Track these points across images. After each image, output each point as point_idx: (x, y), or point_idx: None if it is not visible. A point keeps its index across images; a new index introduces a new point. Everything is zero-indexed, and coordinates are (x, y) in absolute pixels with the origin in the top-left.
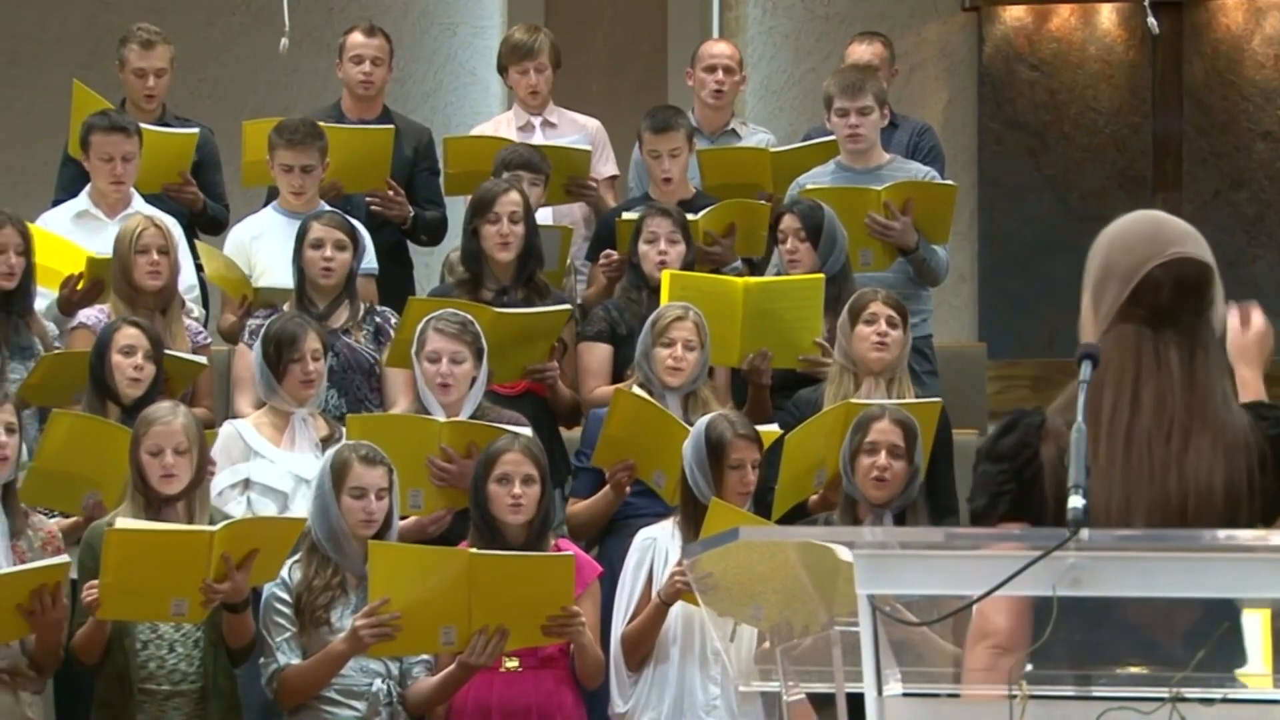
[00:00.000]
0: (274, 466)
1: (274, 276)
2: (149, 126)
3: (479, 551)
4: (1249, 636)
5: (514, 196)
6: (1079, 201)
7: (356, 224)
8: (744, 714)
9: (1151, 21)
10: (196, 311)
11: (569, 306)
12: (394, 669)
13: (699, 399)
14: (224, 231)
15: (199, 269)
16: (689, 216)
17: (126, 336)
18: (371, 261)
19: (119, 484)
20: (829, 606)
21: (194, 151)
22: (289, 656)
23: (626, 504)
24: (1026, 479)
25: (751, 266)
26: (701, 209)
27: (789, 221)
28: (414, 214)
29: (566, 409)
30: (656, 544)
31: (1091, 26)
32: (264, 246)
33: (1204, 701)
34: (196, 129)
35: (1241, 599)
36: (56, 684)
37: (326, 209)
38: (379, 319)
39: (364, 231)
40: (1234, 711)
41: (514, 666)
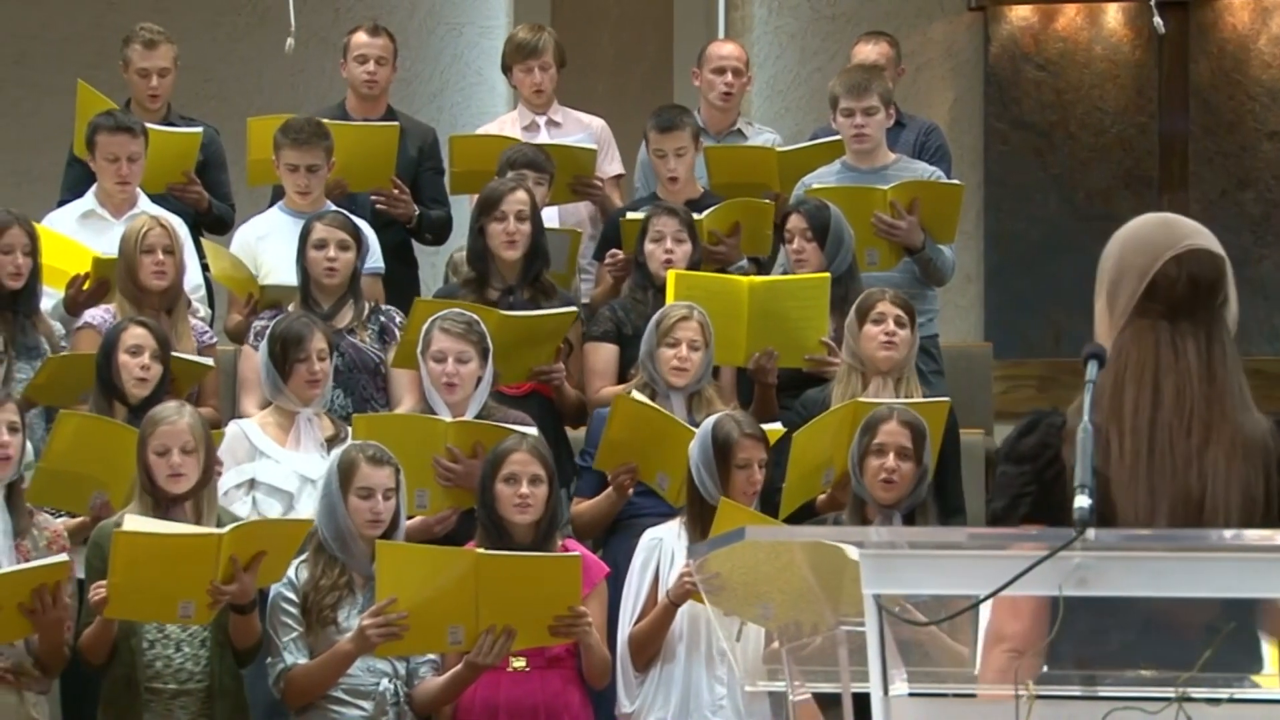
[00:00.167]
0: (279, 466)
1: (280, 277)
2: (153, 126)
3: (486, 552)
4: (1264, 638)
5: (521, 195)
6: (1085, 201)
7: (360, 223)
8: (750, 714)
9: (1158, 21)
10: (202, 311)
11: (575, 309)
12: (401, 669)
13: (703, 398)
14: (229, 231)
15: (205, 268)
16: (695, 216)
17: (133, 336)
18: (378, 260)
19: (126, 484)
20: (835, 606)
21: (198, 151)
22: (296, 656)
23: (631, 503)
24: (1047, 480)
25: (759, 265)
26: (708, 209)
27: (795, 221)
28: (419, 213)
29: (572, 409)
30: (663, 544)
31: (1097, 26)
32: (270, 246)
33: (1210, 701)
34: (200, 128)
35: (1257, 599)
36: (63, 684)
37: (331, 209)
38: (384, 318)
39: (369, 230)
40: (1241, 711)
41: (521, 666)
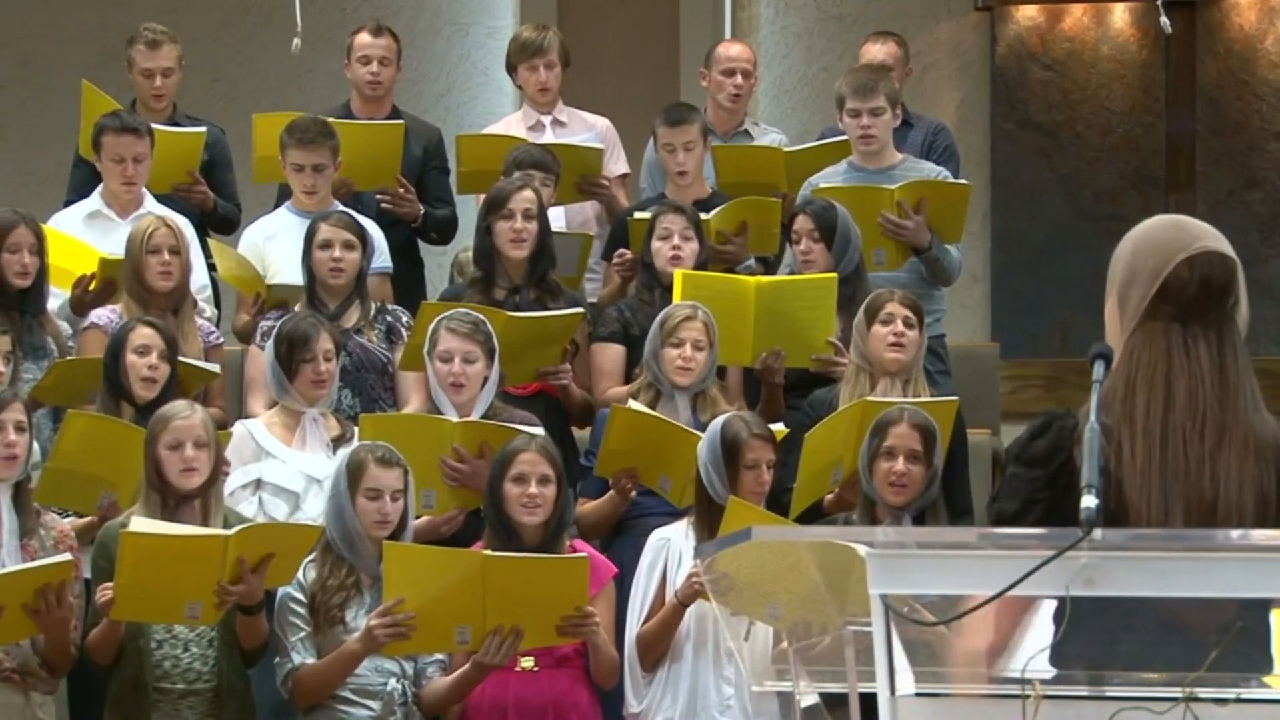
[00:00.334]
0: (285, 467)
1: (287, 276)
2: (157, 126)
3: (493, 553)
4: (1274, 638)
5: (528, 194)
6: (1092, 201)
7: (366, 223)
8: (759, 714)
9: (1164, 21)
10: (209, 311)
11: (582, 310)
12: (408, 669)
13: (708, 398)
14: (236, 231)
15: (211, 268)
16: (702, 216)
17: (141, 336)
18: (385, 260)
19: (134, 484)
20: (842, 606)
21: (203, 151)
22: (304, 656)
23: (636, 503)
24: (1060, 487)
25: (765, 265)
26: (715, 209)
27: (802, 222)
28: (424, 212)
29: (579, 409)
30: (670, 544)
31: (1104, 26)
32: (277, 246)
33: (1218, 701)
34: (204, 128)
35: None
36: (70, 684)
37: (337, 209)
38: (390, 318)
39: (376, 230)
40: (1249, 711)
41: (530, 666)
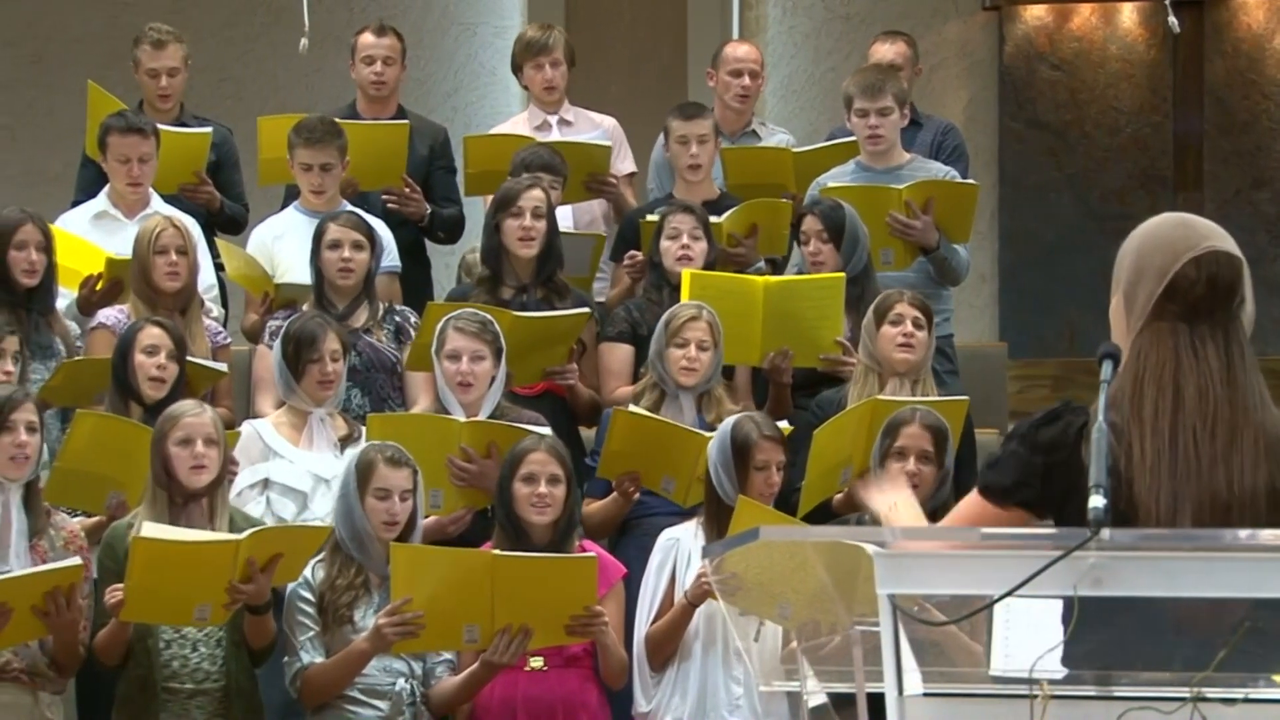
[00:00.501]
0: (293, 466)
1: (296, 276)
2: (163, 126)
3: (502, 553)
4: None
5: (537, 193)
6: (1100, 201)
7: (375, 223)
8: (768, 714)
9: (1172, 20)
10: (216, 311)
11: (588, 310)
12: (417, 668)
13: (713, 398)
14: (243, 231)
15: (219, 268)
16: (713, 219)
17: (150, 336)
18: (394, 259)
19: (142, 483)
20: (850, 606)
21: (209, 151)
22: (312, 655)
23: (641, 503)
24: (1053, 480)
25: (774, 265)
26: (726, 210)
27: (810, 223)
28: (430, 211)
29: (586, 409)
30: (679, 544)
31: (1112, 26)
32: (286, 246)
33: (1226, 701)
34: (210, 128)
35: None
36: (78, 684)
37: (345, 209)
38: (399, 318)
39: (385, 230)
40: (1257, 711)
41: (539, 665)
